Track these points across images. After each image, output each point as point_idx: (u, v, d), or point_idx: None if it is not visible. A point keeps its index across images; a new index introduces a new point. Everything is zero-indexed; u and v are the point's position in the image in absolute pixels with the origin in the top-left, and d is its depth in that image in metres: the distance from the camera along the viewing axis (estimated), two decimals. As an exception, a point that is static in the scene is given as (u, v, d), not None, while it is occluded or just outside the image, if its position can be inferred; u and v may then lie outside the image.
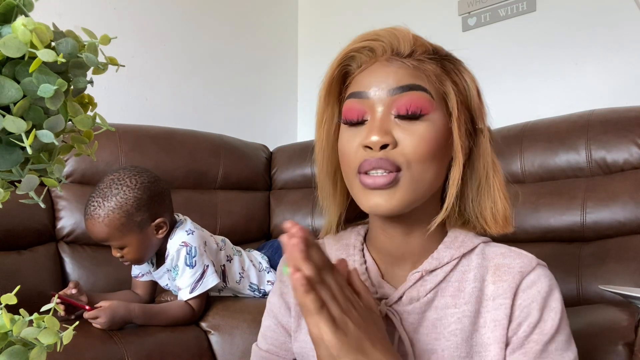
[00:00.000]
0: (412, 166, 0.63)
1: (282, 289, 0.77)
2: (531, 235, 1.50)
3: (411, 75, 0.65)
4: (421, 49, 0.67)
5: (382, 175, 0.63)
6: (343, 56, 0.69)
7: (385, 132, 0.63)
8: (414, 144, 0.63)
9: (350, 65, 0.70)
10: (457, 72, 0.69)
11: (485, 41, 2.01)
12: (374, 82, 0.66)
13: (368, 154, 0.64)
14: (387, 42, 0.67)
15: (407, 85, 0.64)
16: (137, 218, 1.25)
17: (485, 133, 0.71)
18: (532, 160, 1.58)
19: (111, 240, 1.24)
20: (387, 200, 0.64)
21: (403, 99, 0.64)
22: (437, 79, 0.66)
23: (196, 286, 1.28)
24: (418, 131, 0.64)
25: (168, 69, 2.13)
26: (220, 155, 1.88)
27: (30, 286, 1.38)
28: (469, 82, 0.69)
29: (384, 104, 0.65)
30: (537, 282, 0.66)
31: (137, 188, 1.25)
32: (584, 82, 1.79)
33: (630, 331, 0.96)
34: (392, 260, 0.71)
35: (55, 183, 0.40)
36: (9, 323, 0.38)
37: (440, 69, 0.67)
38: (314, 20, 2.60)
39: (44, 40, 0.34)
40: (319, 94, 0.71)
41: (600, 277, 1.32)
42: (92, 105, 0.42)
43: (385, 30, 0.68)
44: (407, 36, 0.67)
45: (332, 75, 0.70)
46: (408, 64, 0.66)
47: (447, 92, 0.67)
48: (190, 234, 1.31)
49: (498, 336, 0.65)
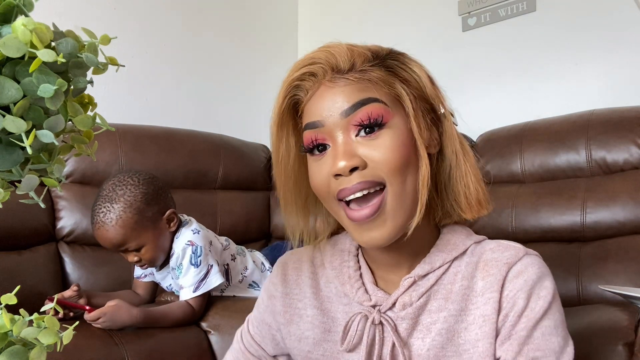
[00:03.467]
0: (391, 181, 0.62)
1: (273, 291, 0.77)
2: (531, 235, 1.50)
3: (359, 90, 0.63)
4: (360, 59, 0.64)
5: (367, 206, 0.62)
6: (287, 88, 0.67)
7: (351, 155, 0.62)
8: (384, 158, 0.62)
9: (297, 94, 0.67)
10: (404, 67, 0.66)
11: (485, 41, 2.01)
12: (324, 108, 0.63)
13: (342, 182, 0.63)
14: (325, 62, 0.64)
15: (358, 102, 0.62)
16: (148, 213, 1.25)
17: (448, 117, 0.68)
18: (532, 160, 1.58)
19: (128, 242, 1.23)
20: (380, 233, 0.63)
21: (357, 116, 0.62)
22: (385, 83, 0.64)
23: (200, 285, 1.28)
24: (383, 143, 0.62)
25: (168, 69, 2.13)
26: (220, 155, 1.87)
27: (30, 286, 1.37)
28: (419, 72, 0.66)
29: (340, 127, 0.63)
30: (523, 271, 0.65)
31: (141, 184, 1.26)
32: (584, 82, 1.79)
33: (630, 331, 0.96)
34: (386, 266, 0.71)
35: (55, 183, 0.40)
36: (9, 323, 0.38)
37: (385, 71, 0.65)
38: (314, 20, 2.59)
39: (44, 40, 0.34)
40: (271, 131, 0.69)
41: (600, 277, 1.32)
42: (92, 105, 0.42)
43: (320, 50, 0.66)
44: (342, 50, 0.65)
45: (280, 109, 0.67)
46: (352, 79, 0.63)
47: (399, 93, 0.64)
48: (196, 233, 1.32)
49: (487, 331, 0.65)
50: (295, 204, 0.71)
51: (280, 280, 0.77)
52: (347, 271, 0.72)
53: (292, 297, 0.75)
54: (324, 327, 0.72)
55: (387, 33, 2.25)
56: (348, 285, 0.71)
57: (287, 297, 0.75)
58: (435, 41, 2.14)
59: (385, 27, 2.30)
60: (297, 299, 0.75)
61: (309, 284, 0.75)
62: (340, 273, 0.73)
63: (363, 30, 2.32)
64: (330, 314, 0.72)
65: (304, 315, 0.74)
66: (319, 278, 0.75)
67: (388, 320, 0.67)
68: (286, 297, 0.75)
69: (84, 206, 1.53)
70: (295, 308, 0.74)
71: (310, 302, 0.73)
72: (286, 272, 0.77)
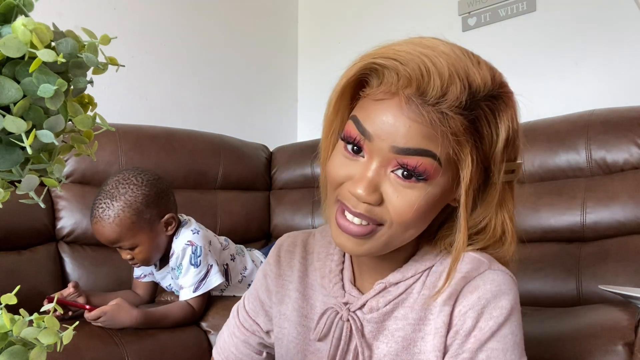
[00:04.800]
0: (393, 226, 0.59)
1: (267, 271, 0.79)
2: (531, 235, 1.50)
3: (423, 137, 0.55)
4: (452, 96, 0.55)
5: (358, 225, 0.60)
6: (365, 65, 0.59)
7: (373, 190, 0.57)
8: (402, 209, 0.58)
9: (370, 75, 0.60)
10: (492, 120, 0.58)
11: (485, 41, 2.01)
12: (382, 127, 0.56)
13: (350, 199, 0.59)
14: (414, 77, 0.55)
15: (414, 150, 0.56)
16: (146, 215, 1.25)
17: (518, 172, 0.63)
18: (532, 160, 1.58)
19: (122, 240, 1.24)
20: (354, 246, 0.61)
21: (404, 161, 0.56)
22: (455, 138, 0.56)
23: (199, 285, 1.28)
24: (411, 196, 0.57)
25: (168, 69, 2.13)
26: (220, 155, 1.88)
27: (30, 286, 1.37)
28: (502, 130, 0.59)
29: (382, 157, 0.57)
30: (480, 287, 0.62)
31: (143, 185, 1.26)
32: (584, 82, 1.79)
33: (630, 331, 0.96)
34: (367, 268, 0.71)
35: (55, 183, 0.40)
36: (9, 323, 0.38)
37: (466, 122, 0.56)
38: (314, 20, 2.59)
39: (44, 40, 0.34)
40: (330, 99, 0.63)
41: (600, 277, 1.32)
42: (92, 105, 0.42)
43: (421, 55, 0.56)
44: (442, 75, 0.55)
45: (348, 80, 0.61)
46: (426, 118, 0.55)
47: (462, 159, 0.57)
48: (195, 233, 1.32)
49: (436, 344, 0.63)
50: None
51: (274, 260, 0.78)
52: (329, 264, 0.73)
53: (284, 279, 0.77)
54: (302, 312, 0.74)
55: (387, 33, 2.24)
56: (327, 278, 0.72)
57: (279, 278, 0.77)
58: (435, 41, 2.14)
59: (385, 27, 2.30)
60: (288, 280, 0.76)
61: (298, 268, 0.76)
62: (323, 265, 0.74)
63: (363, 30, 2.32)
64: (311, 300, 0.74)
65: (291, 297, 0.75)
66: (307, 264, 0.76)
67: (355, 320, 0.68)
68: (279, 278, 0.77)
69: (84, 206, 1.53)
70: (286, 289, 0.76)
71: (295, 286, 0.75)
72: (280, 254, 0.78)
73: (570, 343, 0.97)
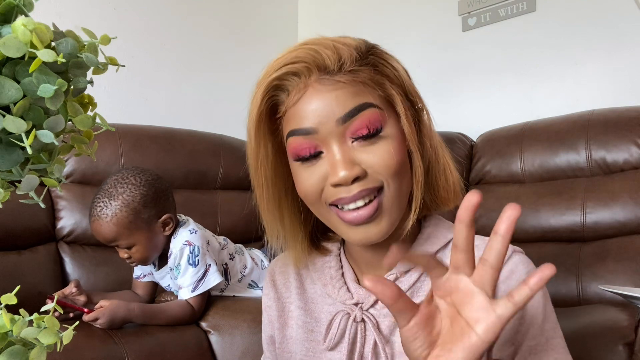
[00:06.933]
0: (390, 183, 0.60)
1: (266, 302, 0.77)
2: (531, 235, 1.50)
3: (352, 94, 0.59)
4: (346, 55, 0.60)
5: (365, 207, 0.59)
6: (266, 88, 0.62)
7: (351, 164, 0.58)
8: (385, 161, 0.59)
9: (277, 95, 0.62)
10: (385, 63, 0.62)
11: (485, 41, 2.01)
12: (316, 114, 0.59)
13: (340, 191, 0.59)
14: (311, 62, 0.59)
15: (354, 109, 0.59)
16: (144, 215, 1.25)
17: (425, 110, 0.66)
18: (532, 160, 1.58)
19: (119, 239, 1.24)
20: (376, 231, 0.61)
21: (355, 124, 0.59)
22: (376, 84, 0.60)
23: (198, 285, 1.28)
24: (382, 148, 0.59)
25: (168, 69, 2.13)
26: (220, 155, 1.87)
27: (30, 286, 1.37)
28: (397, 67, 0.63)
29: (336, 135, 0.59)
30: (515, 271, 0.64)
31: (142, 185, 1.26)
32: (584, 82, 1.79)
33: (630, 331, 0.96)
34: (368, 264, 0.70)
35: (55, 183, 0.40)
36: (9, 323, 0.38)
37: (372, 70, 0.61)
38: (314, 20, 2.59)
39: (44, 40, 0.34)
40: (248, 134, 0.65)
41: (600, 277, 1.32)
42: (92, 105, 0.42)
43: (302, 48, 0.61)
44: (328, 47, 0.60)
45: (259, 111, 0.62)
46: (343, 81, 0.59)
47: (390, 94, 0.61)
48: (193, 233, 1.32)
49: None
50: (278, 209, 0.69)
51: (270, 287, 0.77)
52: (328, 271, 0.72)
53: (283, 301, 0.76)
54: (307, 327, 0.72)
55: (387, 33, 2.25)
56: (330, 285, 0.71)
57: (278, 301, 0.76)
58: (435, 41, 2.14)
59: (385, 27, 2.30)
60: (288, 301, 0.75)
61: (295, 285, 0.75)
62: (322, 274, 0.72)
63: (363, 30, 2.32)
64: (314, 314, 0.72)
65: (294, 317, 0.74)
66: (303, 279, 0.75)
67: (370, 318, 0.66)
68: (278, 302, 0.76)
69: (84, 206, 1.53)
70: (287, 310, 0.75)
71: (296, 303, 0.74)
72: (274, 279, 0.77)
73: (570, 343, 0.97)
